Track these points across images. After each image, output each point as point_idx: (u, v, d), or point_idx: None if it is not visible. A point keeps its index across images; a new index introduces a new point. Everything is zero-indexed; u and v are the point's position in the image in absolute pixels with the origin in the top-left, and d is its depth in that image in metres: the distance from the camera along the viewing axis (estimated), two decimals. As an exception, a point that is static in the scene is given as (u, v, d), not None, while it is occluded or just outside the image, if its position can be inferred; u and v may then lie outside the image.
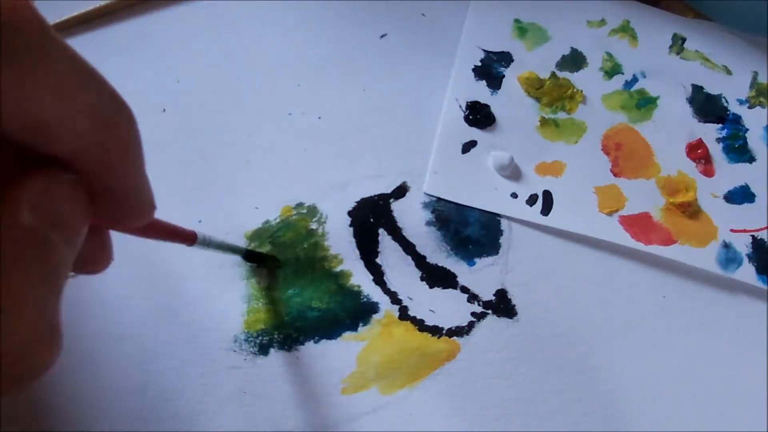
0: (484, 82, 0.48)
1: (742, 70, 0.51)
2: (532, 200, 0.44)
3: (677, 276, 0.44)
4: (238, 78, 0.47)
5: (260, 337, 0.40)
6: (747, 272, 0.44)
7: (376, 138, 0.46)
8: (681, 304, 0.44)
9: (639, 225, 0.44)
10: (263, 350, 0.40)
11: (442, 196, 0.44)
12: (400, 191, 0.44)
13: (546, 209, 0.44)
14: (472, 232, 0.44)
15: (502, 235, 0.44)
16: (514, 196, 0.44)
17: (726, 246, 0.45)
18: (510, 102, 0.47)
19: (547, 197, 0.44)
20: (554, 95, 0.48)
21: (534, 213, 0.44)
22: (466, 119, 0.46)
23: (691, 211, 0.45)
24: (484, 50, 0.49)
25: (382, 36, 0.49)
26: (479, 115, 0.46)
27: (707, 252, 0.44)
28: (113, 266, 0.38)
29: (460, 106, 0.47)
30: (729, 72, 0.51)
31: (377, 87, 0.47)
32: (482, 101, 0.47)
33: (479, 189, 0.44)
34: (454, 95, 0.47)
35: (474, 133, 0.46)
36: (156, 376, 0.39)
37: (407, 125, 0.47)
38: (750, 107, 0.50)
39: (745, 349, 0.43)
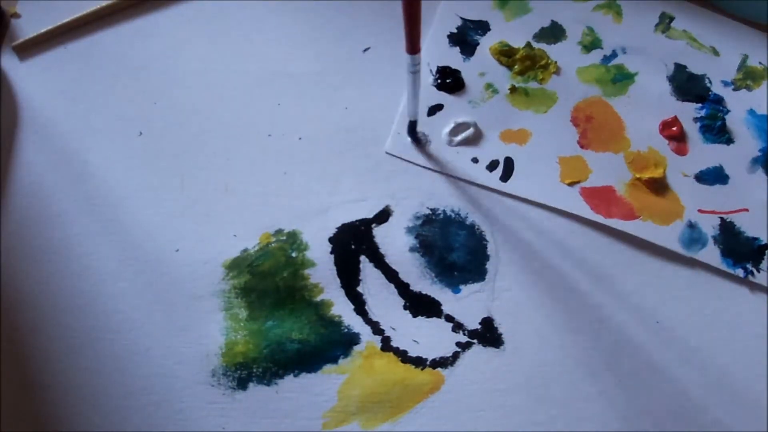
0: (457, 48, 0.48)
1: (731, 52, 0.50)
2: (492, 166, 0.44)
3: (671, 300, 0.42)
4: (216, 98, 0.46)
5: (239, 371, 0.39)
6: (711, 254, 0.43)
7: (358, 159, 0.44)
8: (675, 324, 0.42)
9: (600, 197, 0.44)
10: (242, 384, 0.39)
11: (402, 156, 0.44)
12: (383, 216, 0.43)
13: (506, 176, 0.44)
14: (457, 257, 0.42)
15: (488, 260, 0.42)
16: (475, 161, 0.44)
17: (691, 226, 0.44)
18: (481, 69, 0.47)
19: (509, 164, 0.44)
20: (527, 64, 0.47)
21: (493, 179, 0.44)
22: (435, 83, 0.46)
23: (658, 188, 0.45)
24: (462, 18, 0.48)
25: (365, 50, 0.47)
26: (449, 80, 0.46)
27: (670, 230, 0.44)
28: (86, 304, 0.37)
29: (431, 70, 0.47)
30: (716, 53, 0.50)
31: (360, 104, 0.46)
32: (453, 67, 0.47)
33: (440, 152, 0.44)
34: (426, 60, 0.47)
35: (442, 97, 0.46)
36: (133, 412, 0.38)
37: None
38: (735, 89, 0.49)
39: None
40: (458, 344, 0.40)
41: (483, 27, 0.49)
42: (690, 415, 0.40)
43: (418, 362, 0.40)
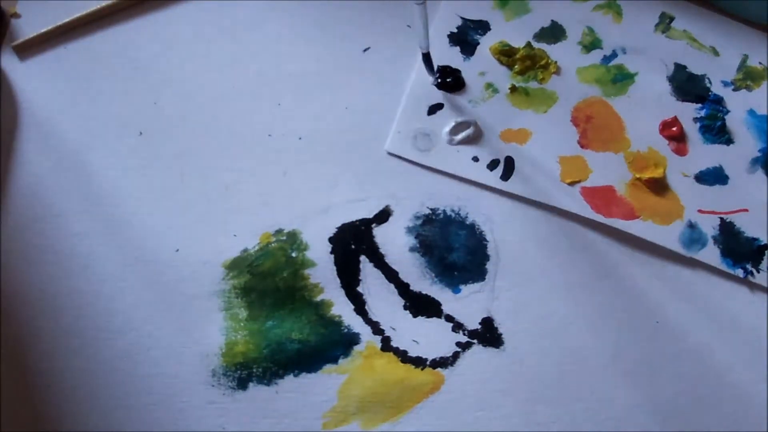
0: (458, 48, 0.48)
1: (731, 52, 0.50)
2: (493, 165, 0.44)
3: (671, 300, 0.42)
4: (216, 98, 0.46)
5: (239, 371, 0.39)
6: (710, 254, 0.43)
7: (358, 159, 0.44)
8: (675, 324, 0.42)
9: (601, 197, 0.44)
10: (242, 384, 0.39)
11: (403, 155, 0.44)
12: (383, 216, 0.43)
13: (506, 175, 0.44)
14: (457, 257, 0.42)
15: (488, 260, 0.42)
16: (476, 159, 0.44)
17: (691, 226, 0.44)
18: (482, 69, 0.47)
19: (509, 163, 0.44)
20: (527, 64, 0.47)
21: (494, 178, 0.44)
22: (435, 82, 0.46)
23: (658, 188, 0.45)
24: (462, 18, 0.48)
25: (365, 50, 0.47)
26: (449, 79, 0.46)
27: (670, 230, 0.44)
28: (86, 304, 0.37)
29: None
30: (716, 53, 0.50)
31: (360, 104, 0.46)
32: (454, 66, 0.47)
33: (441, 151, 0.44)
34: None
35: (442, 96, 0.46)
36: (133, 412, 0.38)
37: (391, 144, 0.45)
38: (735, 89, 0.49)
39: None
40: (458, 344, 0.40)
41: (483, 27, 0.49)
42: (690, 414, 0.40)
43: (418, 362, 0.40)
